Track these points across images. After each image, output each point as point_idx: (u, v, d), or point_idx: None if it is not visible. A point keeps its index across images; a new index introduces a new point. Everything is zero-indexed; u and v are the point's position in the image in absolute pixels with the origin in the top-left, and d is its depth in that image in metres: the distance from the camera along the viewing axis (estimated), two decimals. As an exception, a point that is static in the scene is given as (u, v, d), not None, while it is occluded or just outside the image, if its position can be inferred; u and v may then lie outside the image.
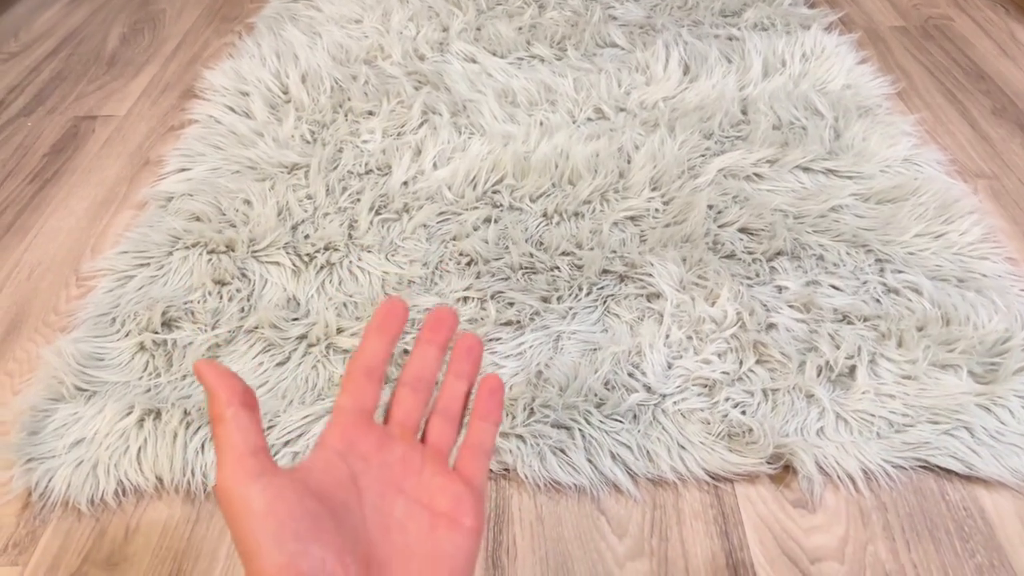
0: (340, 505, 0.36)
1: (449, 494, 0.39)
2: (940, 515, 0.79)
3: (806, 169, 1.20)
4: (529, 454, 0.83)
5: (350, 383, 0.40)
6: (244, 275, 1.04)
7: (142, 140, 1.38)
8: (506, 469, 0.84)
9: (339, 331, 0.96)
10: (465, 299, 1.01)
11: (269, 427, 0.85)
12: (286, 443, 0.85)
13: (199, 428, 0.85)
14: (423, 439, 0.42)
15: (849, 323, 0.96)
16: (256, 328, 0.97)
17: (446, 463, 0.41)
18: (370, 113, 1.34)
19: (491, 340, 0.95)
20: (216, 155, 1.26)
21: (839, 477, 0.82)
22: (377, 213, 1.13)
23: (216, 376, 0.36)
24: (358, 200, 1.15)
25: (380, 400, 0.41)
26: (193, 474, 0.83)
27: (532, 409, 0.87)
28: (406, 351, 0.93)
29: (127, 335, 0.97)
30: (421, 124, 1.31)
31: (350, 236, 1.09)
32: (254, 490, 0.33)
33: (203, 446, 0.84)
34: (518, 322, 0.97)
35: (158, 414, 0.87)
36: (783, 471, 0.83)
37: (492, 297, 1.00)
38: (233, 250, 1.07)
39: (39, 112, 1.47)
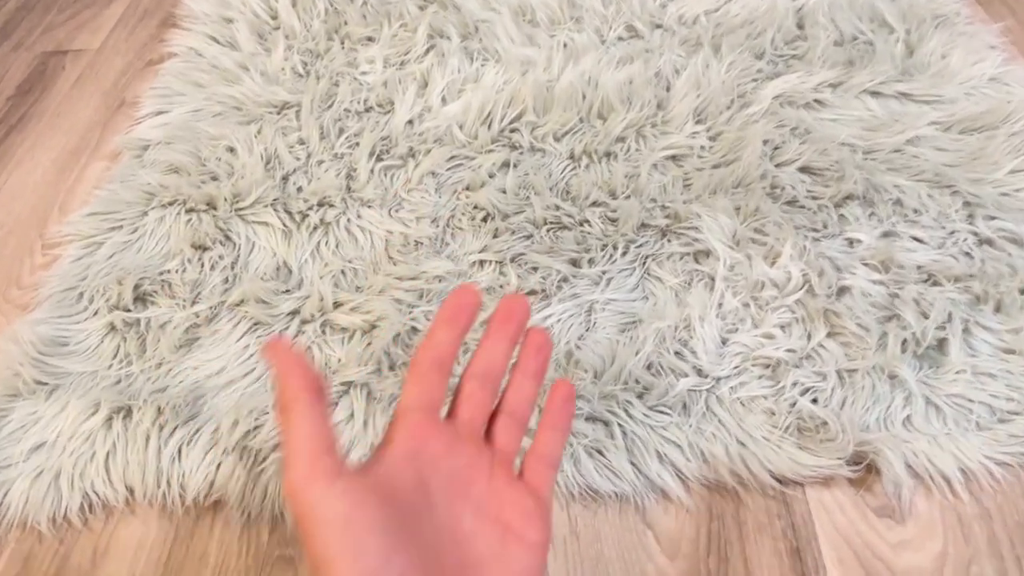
0: (414, 513, 0.34)
1: (518, 507, 0.38)
2: (1057, 526, 0.66)
3: (875, 93, 1.02)
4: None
5: (418, 376, 0.37)
6: (228, 238, 0.91)
7: (117, 77, 1.22)
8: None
9: (336, 305, 0.83)
10: (481, 263, 0.86)
11: (255, 428, 0.73)
12: (275, 446, 0.72)
13: (175, 429, 0.73)
14: (487, 439, 0.40)
15: (936, 284, 0.81)
16: (241, 303, 0.83)
17: (512, 470, 0.39)
18: (369, 39, 1.18)
19: (513, 313, 0.81)
20: (197, 95, 1.11)
21: (932, 478, 0.69)
22: (378, 159, 0.98)
23: (287, 360, 0.33)
24: (356, 144, 1.00)
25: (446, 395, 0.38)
26: (169, 485, 0.71)
27: (563, 400, 0.74)
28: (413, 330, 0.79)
29: (95, 314, 0.84)
30: (427, 51, 1.14)
31: (348, 188, 0.95)
32: (332, 495, 0.31)
33: (180, 451, 0.72)
34: (543, 291, 0.83)
35: (128, 412, 0.75)
36: (862, 469, 0.70)
37: (512, 260, 0.86)
38: (215, 208, 0.93)
39: (3, 48, 1.31)
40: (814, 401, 0.73)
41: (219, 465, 0.71)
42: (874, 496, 0.68)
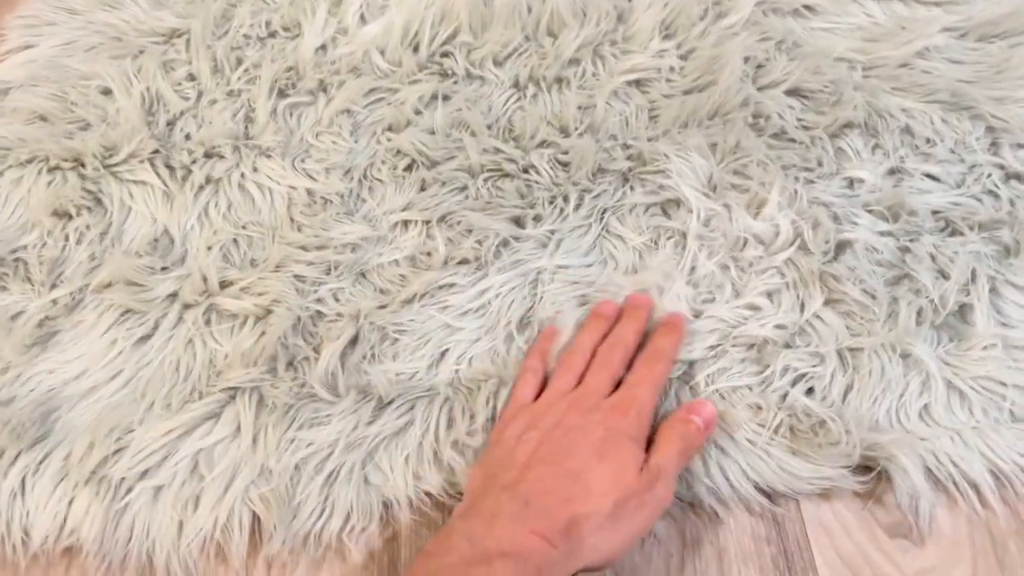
0: None
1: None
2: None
3: (876, -5, 0.86)
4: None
5: None
6: (99, 202, 0.75)
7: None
8: (460, 493, 0.58)
9: (224, 285, 0.67)
10: (404, 224, 0.71)
11: (116, 451, 0.59)
12: (143, 474, 0.58)
13: (17, 456, 0.59)
14: None
15: (956, 233, 0.66)
16: (109, 285, 0.68)
17: None
18: (276, -53, 0.99)
19: (440, 288, 0.67)
20: (70, 23, 0.92)
21: (956, 486, 0.56)
22: (282, 96, 0.81)
23: None
24: (256, 79, 0.82)
25: None
26: (9, 528, 0.57)
27: (497, 402, 0.60)
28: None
29: (-68, 307, 0.68)
30: (344, -41, 0.96)
31: (246, 134, 0.78)
32: None
33: (23, 484, 0.58)
34: (478, 259, 0.68)
35: (-40, 436, 0.60)
36: (867, 472, 0.56)
37: (441, 220, 0.71)
38: (82, 165, 0.76)
39: None
40: (810, 392, 0.59)
41: (71, 501, 0.57)
42: (885, 511, 0.55)
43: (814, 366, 0.60)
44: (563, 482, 0.49)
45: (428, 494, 0.57)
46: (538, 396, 0.58)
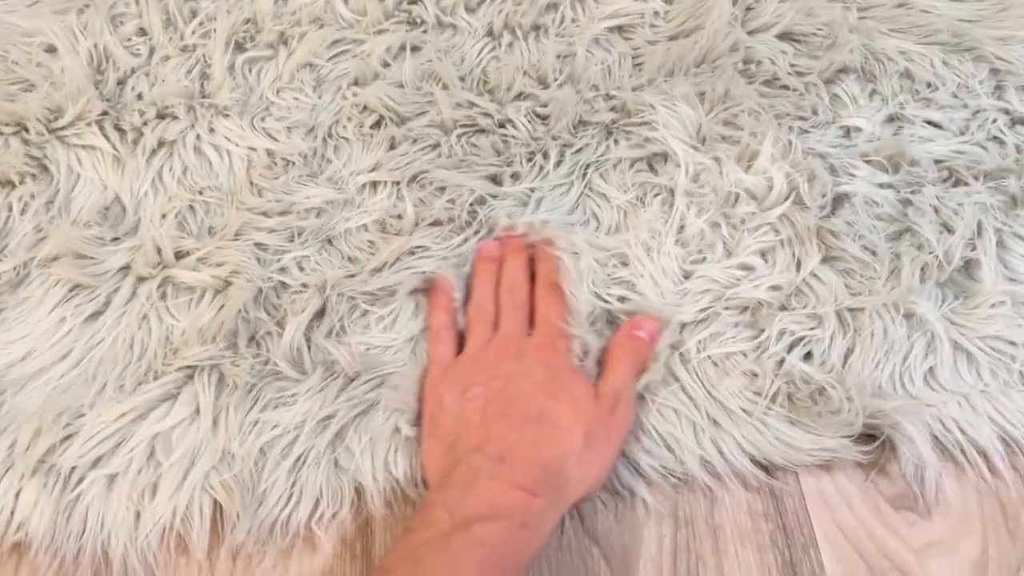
0: None
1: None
2: None
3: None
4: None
5: None
6: (45, 169, 0.69)
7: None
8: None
9: (180, 256, 0.63)
10: (373, 186, 0.66)
11: (66, 438, 0.55)
12: (95, 462, 0.54)
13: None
14: None
15: (960, 184, 0.63)
16: (56, 258, 0.63)
17: None
18: None
19: (411, 253, 0.62)
20: (10, -26, 0.86)
21: (964, 453, 0.52)
22: (239, 50, 0.75)
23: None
24: (212, 32, 0.77)
25: None
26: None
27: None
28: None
29: None
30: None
31: (201, 92, 0.73)
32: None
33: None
34: (451, 220, 0.63)
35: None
36: (871, 441, 0.53)
37: (413, 180, 0.66)
38: (25, 130, 0.71)
39: None
40: (808, 357, 0.56)
41: (18, 493, 0.53)
42: (889, 481, 0.52)
43: (812, 329, 0.56)
44: (528, 430, 0.49)
45: (399, 479, 0.53)
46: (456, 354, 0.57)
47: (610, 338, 0.57)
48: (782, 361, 0.55)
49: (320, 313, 0.60)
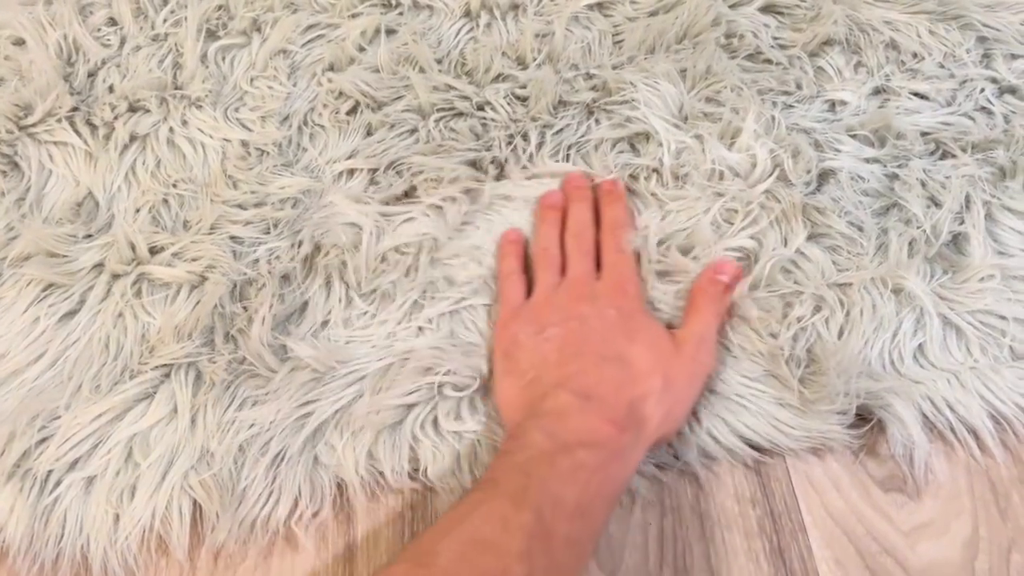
0: None
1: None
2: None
3: None
4: (450, 441, 0.53)
5: None
6: (16, 166, 0.68)
7: None
8: (416, 470, 0.53)
9: (155, 251, 0.62)
10: (350, 173, 0.65)
11: (41, 441, 0.54)
12: (72, 464, 0.53)
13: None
14: None
15: (947, 156, 0.61)
16: (28, 258, 0.62)
17: None
18: None
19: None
20: (-23, -34, 0.84)
21: (954, 431, 0.51)
22: (212, 38, 0.74)
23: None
24: (183, 20, 0.75)
25: None
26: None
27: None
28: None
29: None
30: None
31: (174, 83, 0.71)
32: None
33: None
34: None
35: None
36: (861, 423, 0.52)
37: (390, 167, 0.65)
38: (-6, 126, 0.69)
39: None
40: (793, 337, 0.54)
41: (-5, 499, 0.52)
42: (878, 462, 0.51)
43: (801, 307, 0.55)
44: (609, 370, 0.49)
45: (383, 473, 0.53)
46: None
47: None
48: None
49: (303, 308, 0.59)
